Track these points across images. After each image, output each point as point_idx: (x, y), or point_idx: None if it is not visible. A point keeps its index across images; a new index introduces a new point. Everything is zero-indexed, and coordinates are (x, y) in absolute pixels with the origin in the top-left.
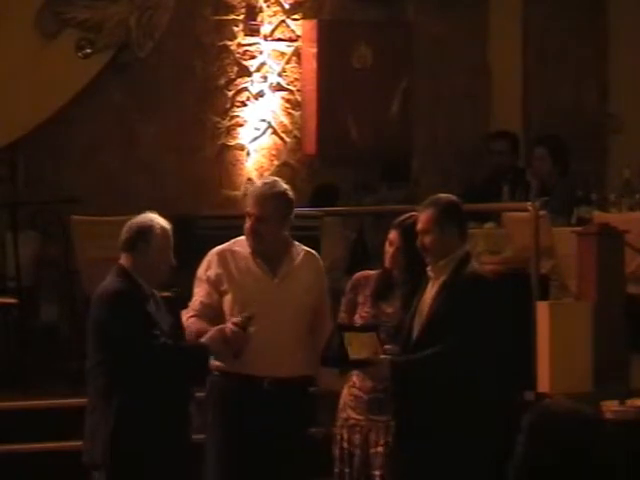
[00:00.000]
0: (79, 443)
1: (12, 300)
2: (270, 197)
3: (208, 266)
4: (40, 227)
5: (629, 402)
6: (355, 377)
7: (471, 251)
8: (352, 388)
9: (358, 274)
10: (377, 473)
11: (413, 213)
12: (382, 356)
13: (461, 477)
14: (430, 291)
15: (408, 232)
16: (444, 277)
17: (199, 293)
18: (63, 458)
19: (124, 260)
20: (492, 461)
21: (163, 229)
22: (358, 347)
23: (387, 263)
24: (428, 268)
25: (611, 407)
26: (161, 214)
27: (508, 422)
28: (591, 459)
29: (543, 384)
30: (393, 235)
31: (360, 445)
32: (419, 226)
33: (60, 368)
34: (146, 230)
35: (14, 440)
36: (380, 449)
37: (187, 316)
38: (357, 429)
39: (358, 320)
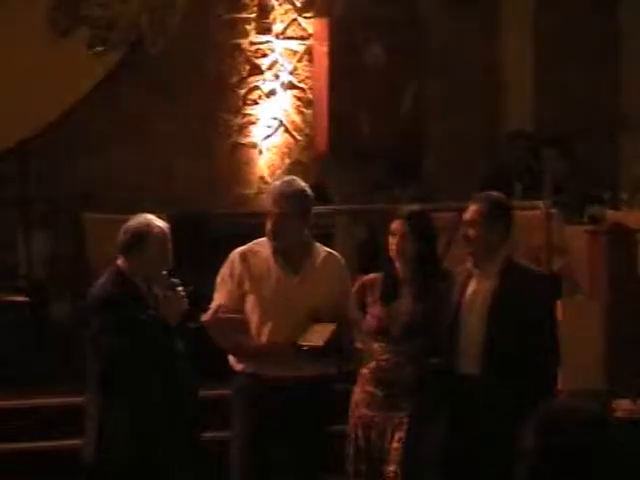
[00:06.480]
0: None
1: (24, 298)
2: (290, 194)
3: (231, 267)
4: (52, 225)
5: None
6: (368, 374)
7: None
8: (365, 386)
9: (365, 278)
10: (391, 469)
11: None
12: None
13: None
14: (480, 286)
15: (411, 219)
16: (497, 273)
17: (221, 295)
18: (62, 458)
19: (121, 262)
20: None
21: (160, 232)
22: (310, 335)
23: (391, 253)
24: (469, 264)
25: (623, 406)
26: (170, 213)
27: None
28: (597, 458)
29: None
30: (395, 225)
31: (376, 441)
32: (466, 216)
33: (70, 367)
34: (143, 234)
35: (14, 440)
36: (395, 444)
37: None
38: (372, 425)
39: (369, 319)
